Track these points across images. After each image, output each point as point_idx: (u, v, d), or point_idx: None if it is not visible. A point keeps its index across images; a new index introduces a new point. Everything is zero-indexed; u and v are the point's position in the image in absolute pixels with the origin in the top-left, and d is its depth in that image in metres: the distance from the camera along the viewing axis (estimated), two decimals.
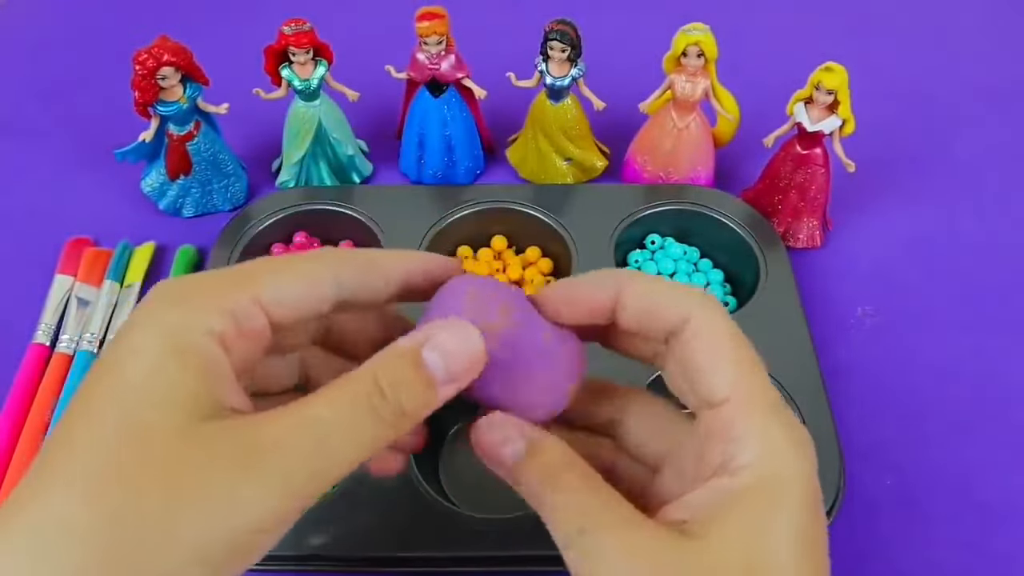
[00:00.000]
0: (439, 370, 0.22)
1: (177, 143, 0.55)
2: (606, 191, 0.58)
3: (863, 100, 0.52)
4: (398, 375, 0.22)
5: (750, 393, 0.22)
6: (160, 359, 0.20)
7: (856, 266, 0.57)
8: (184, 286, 0.23)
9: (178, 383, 0.20)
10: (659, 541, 0.21)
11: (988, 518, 0.45)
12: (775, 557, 0.20)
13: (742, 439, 0.22)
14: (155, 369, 0.20)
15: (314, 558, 0.40)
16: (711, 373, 0.23)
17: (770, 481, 0.21)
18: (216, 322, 0.21)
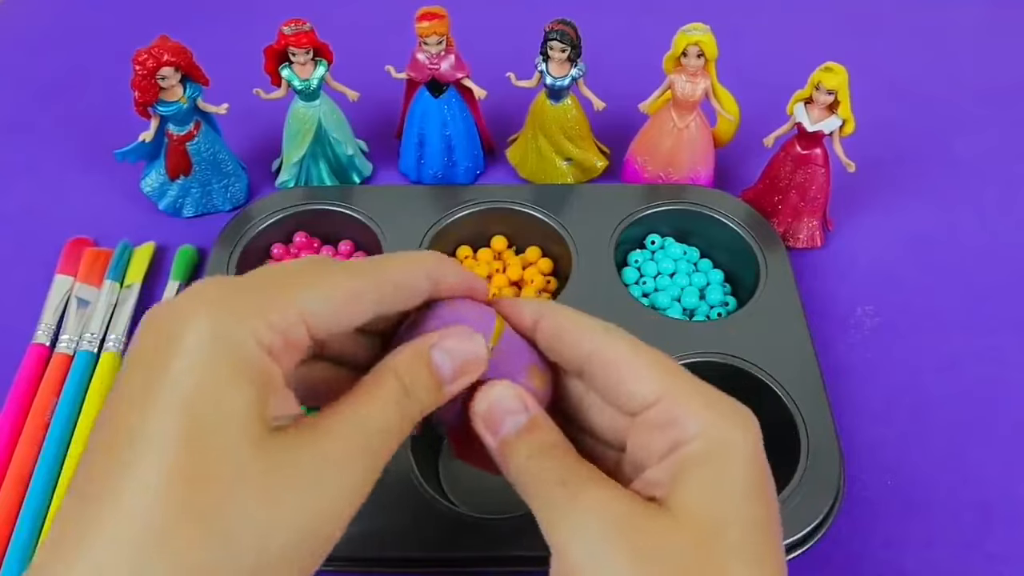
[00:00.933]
0: (446, 369, 0.25)
1: (177, 143, 0.55)
2: (606, 191, 0.58)
3: (863, 100, 0.52)
4: (416, 375, 0.24)
5: (680, 386, 0.25)
6: (216, 369, 0.21)
7: (856, 266, 0.57)
8: (233, 293, 0.22)
9: (240, 396, 0.21)
10: (634, 501, 0.23)
11: (988, 518, 0.45)
12: (734, 508, 0.23)
13: (685, 420, 0.24)
14: (214, 380, 0.21)
15: None
16: (635, 381, 0.25)
17: (718, 444, 0.24)
18: (266, 335, 0.22)
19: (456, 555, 0.41)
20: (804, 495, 0.42)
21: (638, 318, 0.50)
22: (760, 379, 0.46)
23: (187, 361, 0.20)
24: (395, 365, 0.24)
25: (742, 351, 0.47)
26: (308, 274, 0.24)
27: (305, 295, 0.23)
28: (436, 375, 0.25)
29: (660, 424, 0.25)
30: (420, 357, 0.25)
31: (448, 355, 0.25)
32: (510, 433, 0.25)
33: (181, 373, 0.20)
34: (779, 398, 0.45)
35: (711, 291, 0.53)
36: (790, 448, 0.44)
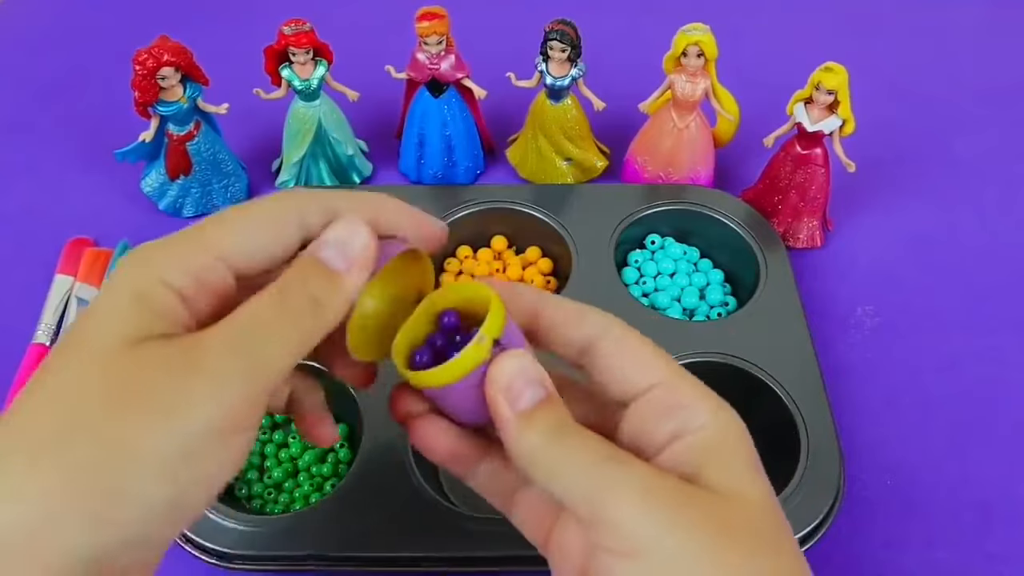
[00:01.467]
0: (337, 260, 0.25)
1: (177, 143, 0.55)
2: (606, 191, 0.58)
3: (863, 100, 0.52)
4: (301, 272, 0.25)
5: (679, 374, 0.26)
6: (116, 303, 0.23)
7: (856, 266, 0.57)
8: (148, 251, 0.24)
9: (126, 315, 0.22)
10: (672, 480, 0.24)
11: (988, 518, 0.45)
12: (759, 488, 0.25)
13: (691, 406, 0.25)
14: (110, 310, 0.23)
15: (314, 558, 0.40)
16: (643, 365, 0.26)
17: (725, 433, 0.25)
18: (174, 278, 0.23)
19: (456, 555, 0.41)
20: (804, 495, 0.42)
21: (638, 318, 0.50)
22: (760, 379, 0.46)
23: (93, 307, 0.23)
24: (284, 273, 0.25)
25: (742, 351, 0.47)
26: (230, 214, 0.25)
27: (223, 237, 0.24)
28: (325, 268, 0.25)
29: (663, 409, 0.25)
30: (301, 258, 0.25)
31: (334, 247, 0.25)
32: (528, 406, 0.24)
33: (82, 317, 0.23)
34: (779, 398, 0.45)
35: (711, 291, 0.53)
36: (790, 448, 0.44)
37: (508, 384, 0.25)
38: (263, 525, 0.41)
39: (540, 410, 0.25)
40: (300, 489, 0.45)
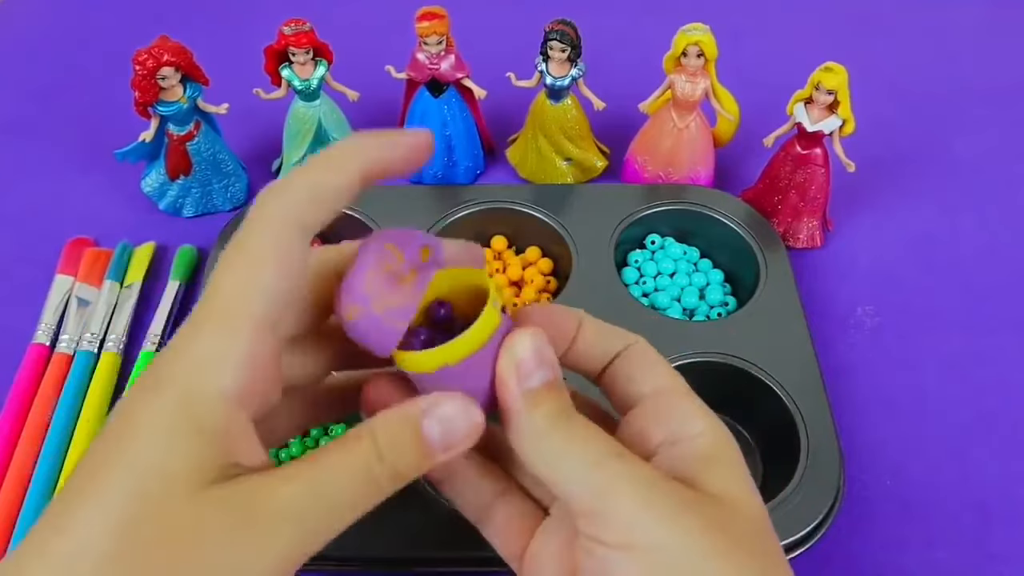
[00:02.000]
0: (437, 441, 0.23)
1: (177, 143, 0.55)
2: (606, 191, 0.58)
3: (863, 100, 0.52)
4: (398, 441, 0.23)
5: (682, 388, 0.27)
6: (170, 428, 0.21)
7: (856, 266, 0.57)
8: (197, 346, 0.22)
9: (188, 452, 0.21)
10: (674, 482, 0.24)
11: (987, 518, 0.45)
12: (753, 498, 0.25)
13: (688, 415, 0.26)
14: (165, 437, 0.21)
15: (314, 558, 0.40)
16: (652, 373, 0.27)
17: (723, 443, 0.26)
18: (229, 379, 0.21)
19: (456, 555, 0.41)
20: (804, 495, 0.42)
21: (638, 318, 0.50)
22: (760, 379, 0.46)
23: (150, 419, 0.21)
24: (373, 427, 0.23)
25: (742, 351, 0.47)
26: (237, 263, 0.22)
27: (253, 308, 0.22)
28: (425, 445, 0.23)
29: (662, 413, 0.26)
30: (407, 424, 0.23)
31: (441, 424, 0.23)
32: (537, 386, 0.24)
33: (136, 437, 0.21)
34: (779, 398, 0.45)
35: (711, 291, 0.53)
36: (790, 448, 0.44)
37: (522, 359, 0.24)
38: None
39: (547, 392, 0.24)
40: None
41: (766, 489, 0.45)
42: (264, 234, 0.22)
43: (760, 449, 0.47)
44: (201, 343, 0.21)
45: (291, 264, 0.22)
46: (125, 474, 0.20)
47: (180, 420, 0.21)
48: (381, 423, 0.23)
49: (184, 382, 0.21)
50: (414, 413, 0.23)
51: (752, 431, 0.48)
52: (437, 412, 0.23)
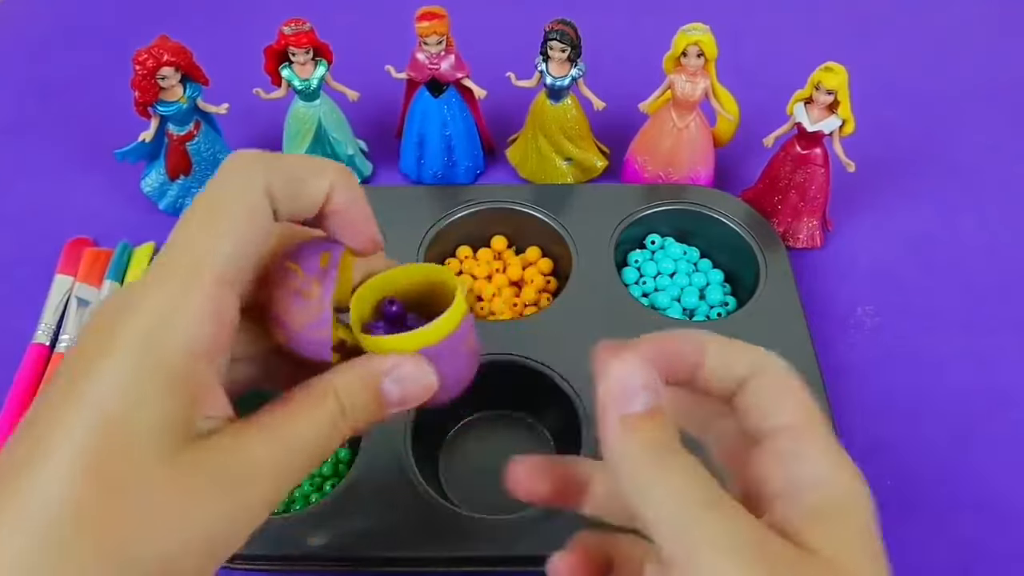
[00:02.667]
0: (394, 397, 0.24)
1: (177, 143, 0.55)
2: (606, 191, 0.58)
3: (863, 100, 0.52)
4: (358, 399, 0.24)
5: (816, 421, 0.24)
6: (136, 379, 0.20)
7: (856, 266, 0.57)
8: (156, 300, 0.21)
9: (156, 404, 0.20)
10: (778, 543, 0.21)
11: (988, 518, 0.45)
12: (869, 562, 0.22)
13: (813, 459, 0.23)
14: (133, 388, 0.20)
15: (314, 558, 0.40)
16: (781, 405, 0.24)
17: (848, 495, 0.23)
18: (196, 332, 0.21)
19: (456, 555, 0.40)
20: None
21: (638, 318, 0.50)
22: None
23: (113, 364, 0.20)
24: (337, 386, 0.24)
25: None
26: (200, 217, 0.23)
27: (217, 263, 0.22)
28: (382, 401, 0.24)
29: (785, 455, 0.23)
30: (368, 383, 0.24)
31: (399, 384, 0.24)
32: (639, 410, 0.22)
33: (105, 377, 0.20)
34: None
35: (711, 291, 0.53)
36: None
37: (624, 383, 0.23)
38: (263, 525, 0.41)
39: (649, 419, 0.22)
40: (300, 489, 0.45)
41: None
42: (235, 193, 0.22)
43: None
44: (163, 295, 0.21)
45: (257, 226, 0.22)
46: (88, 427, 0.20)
47: (146, 371, 0.20)
48: (344, 384, 0.24)
49: (147, 334, 0.21)
50: (375, 375, 0.24)
51: None
52: (397, 373, 0.24)
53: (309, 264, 0.24)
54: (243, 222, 0.22)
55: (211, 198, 0.23)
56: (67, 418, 0.20)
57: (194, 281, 0.21)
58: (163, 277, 0.22)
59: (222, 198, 0.22)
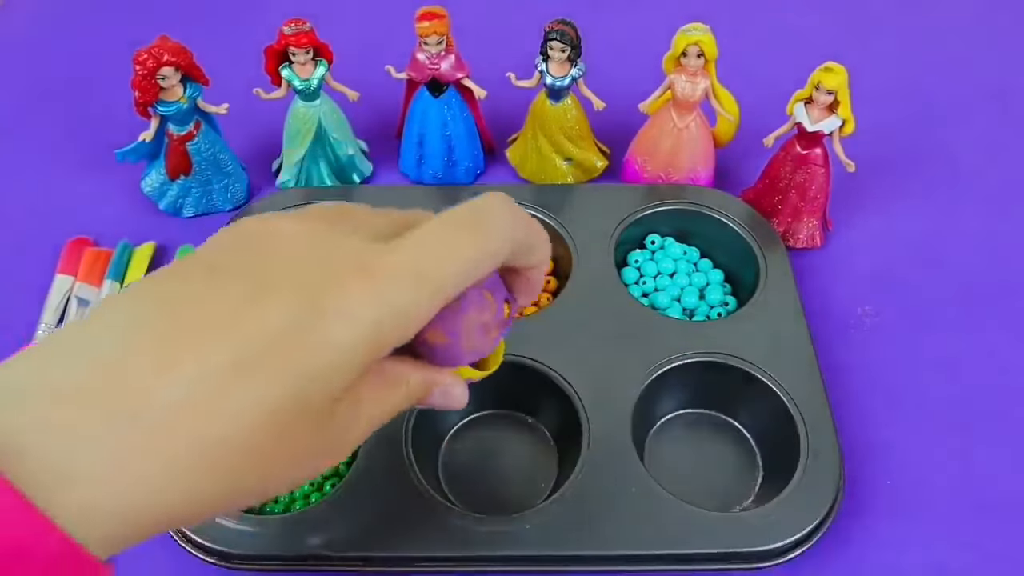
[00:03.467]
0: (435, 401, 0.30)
1: (177, 143, 0.55)
2: (606, 191, 0.58)
3: (863, 100, 0.52)
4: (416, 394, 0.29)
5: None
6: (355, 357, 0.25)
7: (856, 266, 0.57)
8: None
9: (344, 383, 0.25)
10: None
11: (988, 518, 0.45)
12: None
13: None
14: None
15: (314, 558, 0.40)
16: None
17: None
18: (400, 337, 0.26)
19: (456, 555, 0.41)
20: (804, 495, 0.42)
21: (638, 318, 0.50)
22: (760, 379, 0.46)
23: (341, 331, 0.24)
24: (409, 379, 0.28)
25: (742, 351, 0.47)
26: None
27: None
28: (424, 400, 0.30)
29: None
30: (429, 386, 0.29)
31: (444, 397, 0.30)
32: None
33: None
34: (779, 398, 0.45)
35: (711, 291, 0.53)
36: (790, 448, 0.44)
37: None
38: (263, 525, 0.41)
39: None
40: (300, 489, 0.45)
41: (766, 489, 0.45)
42: (494, 233, 0.27)
43: (760, 449, 0.47)
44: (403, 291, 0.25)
45: (490, 267, 0.28)
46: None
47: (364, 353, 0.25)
48: (415, 380, 0.29)
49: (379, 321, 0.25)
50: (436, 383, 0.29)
51: (752, 431, 0.48)
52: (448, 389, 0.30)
53: (498, 305, 0.30)
54: (488, 261, 0.27)
55: (476, 223, 0.27)
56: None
57: (432, 289, 0.25)
58: (408, 267, 0.25)
59: (483, 231, 0.27)
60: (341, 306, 0.23)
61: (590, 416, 0.44)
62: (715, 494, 0.45)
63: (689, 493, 0.42)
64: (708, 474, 0.46)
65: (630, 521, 0.41)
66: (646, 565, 0.41)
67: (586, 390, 0.45)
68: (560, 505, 0.41)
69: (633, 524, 0.41)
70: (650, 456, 0.46)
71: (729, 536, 0.41)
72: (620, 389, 0.46)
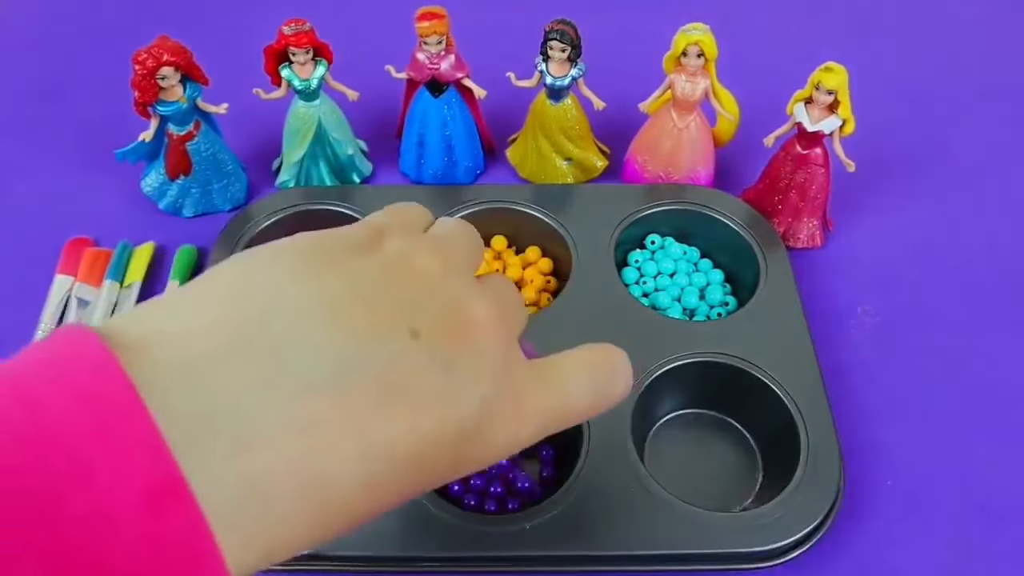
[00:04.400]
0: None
1: (177, 143, 0.55)
2: (606, 191, 0.58)
3: (863, 100, 0.52)
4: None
5: None
6: None
7: (856, 266, 0.57)
8: None
9: None
10: None
11: (988, 518, 0.45)
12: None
13: None
14: None
15: (314, 558, 0.40)
16: None
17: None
18: None
19: (456, 555, 0.41)
20: (804, 495, 0.42)
21: (638, 318, 0.50)
22: (760, 379, 0.46)
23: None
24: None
25: (742, 351, 0.47)
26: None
27: None
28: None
29: None
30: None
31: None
32: None
33: None
34: (779, 398, 0.45)
35: (711, 291, 0.53)
36: (790, 448, 0.44)
37: None
38: None
39: None
40: None
41: (766, 489, 0.45)
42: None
43: (760, 449, 0.47)
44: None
45: None
46: None
47: None
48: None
49: None
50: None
51: (752, 431, 0.48)
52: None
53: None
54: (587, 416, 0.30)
55: (607, 397, 0.30)
56: None
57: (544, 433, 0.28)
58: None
59: (606, 404, 0.30)
60: (498, 423, 0.25)
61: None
62: (715, 494, 0.45)
63: (689, 493, 0.42)
64: (708, 474, 0.46)
65: (630, 521, 0.41)
66: (646, 565, 0.41)
67: None
68: (560, 505, 0.41)
69: (633, 524, 0.41)
70: (650, 456, 0.46)
71: (729, 536, 0.41)
72: None
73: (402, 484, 0.23)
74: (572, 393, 0.28)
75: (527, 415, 0.26)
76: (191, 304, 0.22)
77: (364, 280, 0.24)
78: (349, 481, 0.21)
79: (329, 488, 0.21)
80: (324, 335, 0.22)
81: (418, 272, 0.25)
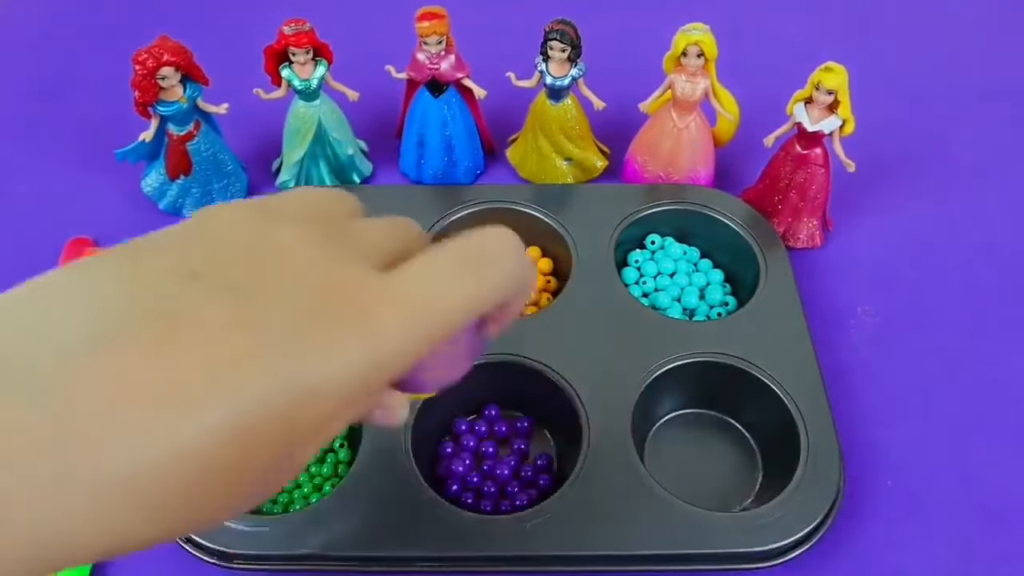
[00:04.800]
0: (375, 418, 0.28)
1: (177, 143, 0.55)
2: (606, 191, 0.58)
3: (863, 100, 0.52)
4: (365, 410, 0.27)
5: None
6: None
7: (856, 266, 0.57)
8: None
9: None
10: None
11: (988, 518, 0.45)
12: None
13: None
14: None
15: (314, 558, 0.40)
16: None
17: None
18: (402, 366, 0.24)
19: (456, 555, 0.41)
20: (804, 495, 0.42)
21: (638, 318, 0.50)
22: (760, 379, 0.46)
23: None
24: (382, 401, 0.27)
25: (742, 351, 0.47)
26: None
27: None
28: (367, 418, 0.27)
29: None
30: (374, 407, 0.27)
31: (384, 417, 0.27)
32: None
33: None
34: (779, 398, 0.45)
35: (711, 291, 0.53)
36: (790, 448, 0.44)
37: None
38: (263, 525, 0.41)
39: None
40: (300, 490, 0.45)
41: (766, 489, 0.45)
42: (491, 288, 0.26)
43: (760, 449, 0.47)
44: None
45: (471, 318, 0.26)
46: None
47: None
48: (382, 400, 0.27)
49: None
50: (377, 404, 0.27)
51: (752, 431, 0.48)
52: (391, 411, 0.27)
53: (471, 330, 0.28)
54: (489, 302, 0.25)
55: (483, 261, 0.26)
56: None
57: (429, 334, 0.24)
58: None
59: (490, 272, 0.25)
60: (334, 346, 0.21)
61: (590, 416, 0.44)
62: (715, 494, 0.45)
63: (689, 493, 0.42)
64: (708, 474, 0.46)
65: (630, 521, 0.41)
66: (646, 565, 0.41)
67: (586, 390, 0.45)
68: (560, 505, 0.41)
69: (633, 524, 0.41)
70: (650, 456, 0.46)
71: (729, 536, 0.41)
72: (620, 389, 0.46)
73: (228, 470, 0.20)
74: (440, 289, 0.24)
75: (385, 329, 0.22)
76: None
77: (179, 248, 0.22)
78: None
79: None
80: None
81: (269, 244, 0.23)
